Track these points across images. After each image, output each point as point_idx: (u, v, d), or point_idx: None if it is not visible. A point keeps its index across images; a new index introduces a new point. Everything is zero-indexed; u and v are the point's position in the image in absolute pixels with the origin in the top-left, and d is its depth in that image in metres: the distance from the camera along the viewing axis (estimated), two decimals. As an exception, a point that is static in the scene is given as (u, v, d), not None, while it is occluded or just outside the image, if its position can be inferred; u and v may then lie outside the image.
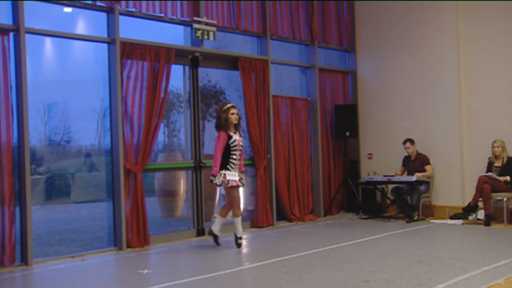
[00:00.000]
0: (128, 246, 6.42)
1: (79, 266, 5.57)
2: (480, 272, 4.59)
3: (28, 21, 5.80)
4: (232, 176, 6.05)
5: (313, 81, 8.92)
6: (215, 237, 6.33)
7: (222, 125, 6.11)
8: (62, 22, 6.86)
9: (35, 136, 8.13)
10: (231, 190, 6.11)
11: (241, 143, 6.20)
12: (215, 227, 6.30)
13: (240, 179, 6.18)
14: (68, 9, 6.67)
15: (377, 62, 9.32)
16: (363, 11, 9.51)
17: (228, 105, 6.19)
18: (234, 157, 6.11)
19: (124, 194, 6.45)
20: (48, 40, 7.66)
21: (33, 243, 5.74)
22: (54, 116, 8.58)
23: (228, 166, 6.06)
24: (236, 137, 6.14)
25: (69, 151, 8.98)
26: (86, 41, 6.62)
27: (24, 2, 5.78)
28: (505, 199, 7.33)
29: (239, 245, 6.19)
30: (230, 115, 6.13)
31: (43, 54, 8.03)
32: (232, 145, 6.08)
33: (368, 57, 9.48)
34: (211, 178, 6.05)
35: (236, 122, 6.19)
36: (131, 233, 6.47)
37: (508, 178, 7.35)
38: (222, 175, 6.01)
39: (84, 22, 7.31)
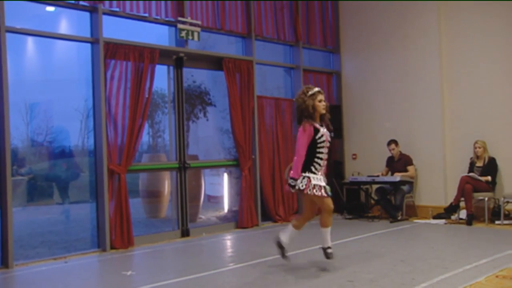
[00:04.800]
0: (111, 248, 6.37)
1: (62, 268, 5.50)
2: (461, 271, 4.64)
3: (9, 20, 5.71)
4: (318, 180, 4.72)
5: (298, 81, 8.94)
6: (282, 249, 5.01)
7: (309, 114, 4.79)
8: (44, 21, 6.78)
9: (17, 137, 8.02)
10: (319, 198, 4.74)
11: (329, 139, 4.92)
12: (285, 237, 5.00)
13: (327, 184, 4.85)
14: (50, 8, 6.59)
15: (361, 63, 9.38)
16: (347, 12, 9.57)
17: (315, 90, 4.86)
18: (321, 156, 4.79)
19: (108, 195, 6.40)
20: (30, 39, 7.55)
21: (14, 245, 5.65)
22: (37, 116, 8.47)
23: (312, 168, 4.75)
24: (323, 130, 4.86)
25: (52, 152, 8.87)
26: (69, 40, 6.56)
27: (4, 1, 5.69)
28: (486, 198, 7.43)
29: (328, 256, 4.88)
30: (317, 102, 4.82)
31: (25, 54, 7.92)
32: (319, 140, 4.78)
33: (352, 58, 9.53)
34: (291, 182, 4.74)
35: (324, 111, 4.89)
36: (114, 234, 6.41)
37: (489, 178, 7.46)
38: (306, 178, 4.70)
39: (67, 22, 7.23)
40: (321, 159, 4.79)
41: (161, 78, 7.42)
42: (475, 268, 4.74)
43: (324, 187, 4.75)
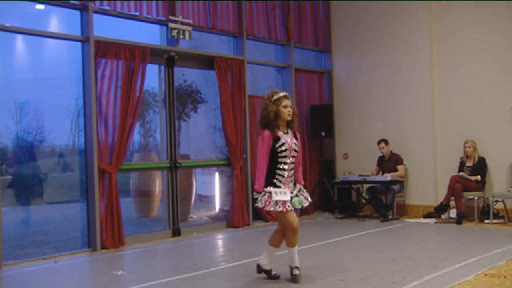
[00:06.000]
0: (102, 247, 6.34)
1: (51, 268, 5.47)
2: (451, 269, 4.67)
3: (-2, 18, 5.68)
4: (281, 195, 4.30)
5: (289, 81, 8.95)
6: (267, 272, 4.62)
7: (269, 121, 4.40)
8: (34, 20, 6.73)
9: (7, 136, 7.96)
10: (281, 214, 4.36)
11: (294, 147, 4.43)
12: (264, 261, 4.61)
13: (296, 196, 4.43)
14: (40, 6, 6.54)
15: (353, 62, 9.41)
16: (339, 12, 9.59)
17: (280, 94, 4.45)
18: (283, 167, 4.37)
19: (99, 195, 6.36)
20: (20, 38, 7.50)
21: (3, 245, 5.61)
22: (27, 115, 8.42)
23: (275, 181, 4.36)
24: (287, 138, 4.42)
25: (42, 151, 8.82)
26: (59, 39, 6.52)
27: (-5, -2, 5.66)
28: (475, 198, 7.49)
29: (293, 278, 4.46)
30: (281, 108, 4.41)
31: (15, 52, 7.87)
32: (279, 149, 4.35)
33: (344, 57, 9.56)
34: (254, 195, 4.43)
35: (289, 118, 4.46)
36: (105, 234, 6.38)
37: (478, 177, 7.52)
38: (267, 194, 4.32)
39: (57, 20, 7.18)
40: (284, 169, 4.37)
41: (152, 77, 7.39)
42: (465, 266, 4.77)
43: (290, 200, 4.33)
